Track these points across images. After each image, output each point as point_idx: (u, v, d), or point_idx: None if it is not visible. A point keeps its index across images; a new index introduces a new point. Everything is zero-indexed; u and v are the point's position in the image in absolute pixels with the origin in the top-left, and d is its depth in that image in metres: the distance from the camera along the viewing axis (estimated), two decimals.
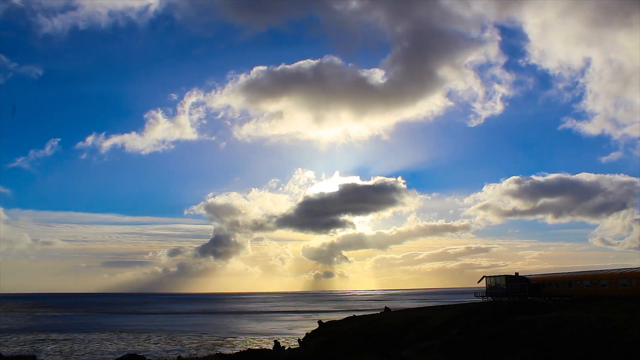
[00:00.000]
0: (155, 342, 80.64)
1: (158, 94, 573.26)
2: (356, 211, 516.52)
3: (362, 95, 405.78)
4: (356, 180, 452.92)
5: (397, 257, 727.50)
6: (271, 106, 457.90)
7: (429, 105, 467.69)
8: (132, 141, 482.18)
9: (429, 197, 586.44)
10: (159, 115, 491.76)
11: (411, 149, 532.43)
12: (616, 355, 23.21)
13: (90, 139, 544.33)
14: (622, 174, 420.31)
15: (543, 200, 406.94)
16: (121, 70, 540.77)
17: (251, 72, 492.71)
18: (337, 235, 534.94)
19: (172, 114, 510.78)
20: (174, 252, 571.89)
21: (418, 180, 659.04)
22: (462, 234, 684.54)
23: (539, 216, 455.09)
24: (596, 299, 49.01)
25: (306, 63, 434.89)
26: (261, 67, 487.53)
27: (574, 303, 46.46)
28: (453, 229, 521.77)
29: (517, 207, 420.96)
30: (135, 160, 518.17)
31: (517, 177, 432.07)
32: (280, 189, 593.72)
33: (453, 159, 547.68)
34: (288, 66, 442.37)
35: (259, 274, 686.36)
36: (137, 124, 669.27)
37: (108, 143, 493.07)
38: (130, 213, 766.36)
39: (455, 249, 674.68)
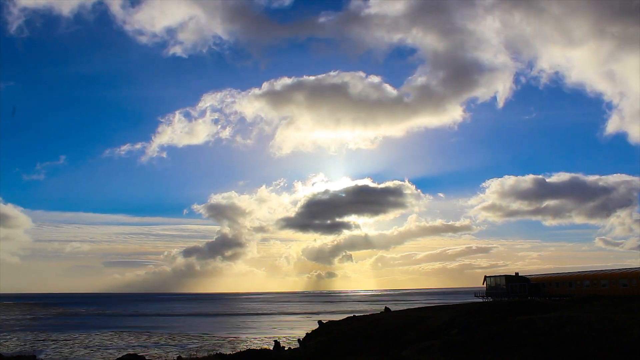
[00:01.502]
0: (155, 342, 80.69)
1: (174, 98, 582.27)
2: (361, 212, 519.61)
3: (377, 105, 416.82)
4: (361, 182, 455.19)
5: (399, 258, 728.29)
6: (287, 113, 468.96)
7: (445, 116, 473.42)
8: (144, 143, 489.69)
9: (433, 198, 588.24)
10: (173, 118, 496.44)
11: (421, 155, 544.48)
12: (616, 355, 23.20)
13: (102, 141, 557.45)
14: (625, 174, 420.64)
15: (545, 201, 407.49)
16: (138, 74, 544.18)
17: (273, 81, 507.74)
18: (340, 236, 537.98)
19: (184, 118, 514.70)
20: (179, 253, 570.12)
21: (424, 182, 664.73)
22: (464, 235, 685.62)
23: (541, 216, 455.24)
24: (596, 299, 48.97)
25: (327, 76, 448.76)
26: (284, 77, 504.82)
27: (574, 303, 46.43)
28: (455, 229, 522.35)
29: (520, 208, 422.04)
30: (145, 162, 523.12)
31: (520, 178, 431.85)
32: (285, 190, 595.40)
33: (458, 162, 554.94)
34: (308, 77, 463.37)
35: (263, 274, 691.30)
36: (150, 127, 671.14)
37: (119, 145, 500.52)
38: (138, 214, 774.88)
39: (456, 249, 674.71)
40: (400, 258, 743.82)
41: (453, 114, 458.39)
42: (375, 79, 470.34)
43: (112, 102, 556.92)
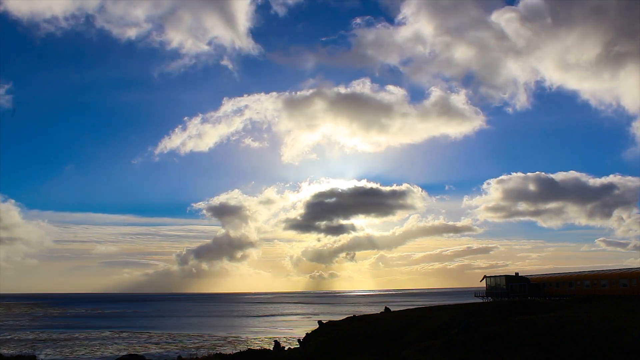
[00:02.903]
0: (155, 342, 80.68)
1: (190, 103, 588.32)
2: (364, 213, 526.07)
3: (389, 113, 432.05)
4: (365, 184, 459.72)
5: (400, 258, 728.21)
6: (300, 118, 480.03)
7: (451, 126, 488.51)
8: (154, 145, 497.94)
9: (435, 199, 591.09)
10: (186, 122, 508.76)
11: (427, 160, 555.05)
12: (616, 355, 23.20)
13: (112, 143, 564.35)
14: (627, 175, 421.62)
15: (547, 201, 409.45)
16: (154, 80, 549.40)
17: (288, 88, 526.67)
18: (343, 237, 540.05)
19: (195, 122, 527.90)
20: (183, 253, 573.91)
21: (427, 185, 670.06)
22: (465, 235, 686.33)
23: (543, 217, 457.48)
24: (596, 299, 48.95)
25: (342, 85, 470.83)
26: (301, 85, 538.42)
27: (574, 303, 46.41)
28: (457, 230, 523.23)
29: (521, 209, 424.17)
30: (155, 164, 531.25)
31: (521, 179, 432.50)
32: (290, 192, 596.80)
33: (461, 166, 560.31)
34: (324, 85, 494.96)
35: (266, 275, 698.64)
36: (161, 130, 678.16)
37: (129, 147, 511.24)
38: (147, 214, 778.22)
39: (457, 249, 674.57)
40: (401, 258, 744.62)
41: (459, 125, 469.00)
42: (391, 88, 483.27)
43: (126, 106, 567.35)
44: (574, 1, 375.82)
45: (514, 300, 59.96)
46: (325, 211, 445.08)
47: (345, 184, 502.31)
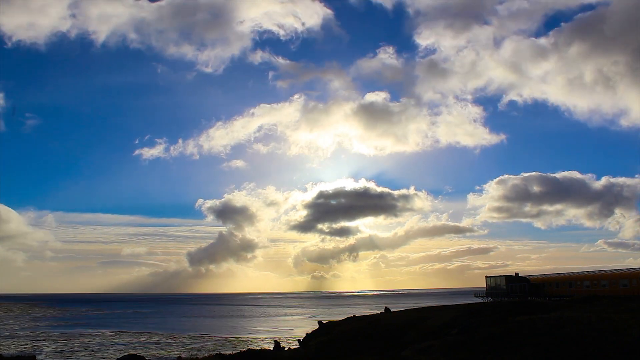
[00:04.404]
0: (156, 342, 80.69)
1: (204, 109, 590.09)
2: (366, 215, 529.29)
3: (399, 121, 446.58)
4: (368, 185, 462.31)
5: (400, 258, 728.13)
6: (309, 123, 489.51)
7: (455, 134, 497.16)
8: (161, 146, 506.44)
9: (437, 200, 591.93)
10: (195, 125, 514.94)
11: (431, 166, 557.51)
12: (616, 355, 23.20)
13: (121, 145, 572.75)
14: (629, 176, 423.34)
15: (549, 202, 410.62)
16: (170, 86, 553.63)
17: (303, 96, 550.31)
18: (345, 238, 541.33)
19: (205, 125, 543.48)
20: (188, 254, 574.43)
21: (430, 187, 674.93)
22: (467, 236, 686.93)
23: (545, 217, 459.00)
24: (596, 299, 49.04)
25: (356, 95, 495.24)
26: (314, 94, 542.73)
27: (574, 303, 46.49)
28: (458, 230, 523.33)
29: (523, 209, 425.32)
30: (162, 165, 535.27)
31: (523, 179, 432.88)
32: (293, 193, 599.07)
33: (464, 169, 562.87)
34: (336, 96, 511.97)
35: (268, 275, 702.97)
36: (172, 132, 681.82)
37: (136, 148, 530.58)
38: (154, 215, 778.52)
39: (458, 249, 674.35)
40: (402, 259, 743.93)
41: (465, 133, 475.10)
42: (403, 100, 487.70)
43: (136, 109, 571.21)
44: (569, 40, 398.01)
45: (514, 300, 60.03)
46: (329, 212, 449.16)
47: (349, 186, 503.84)
